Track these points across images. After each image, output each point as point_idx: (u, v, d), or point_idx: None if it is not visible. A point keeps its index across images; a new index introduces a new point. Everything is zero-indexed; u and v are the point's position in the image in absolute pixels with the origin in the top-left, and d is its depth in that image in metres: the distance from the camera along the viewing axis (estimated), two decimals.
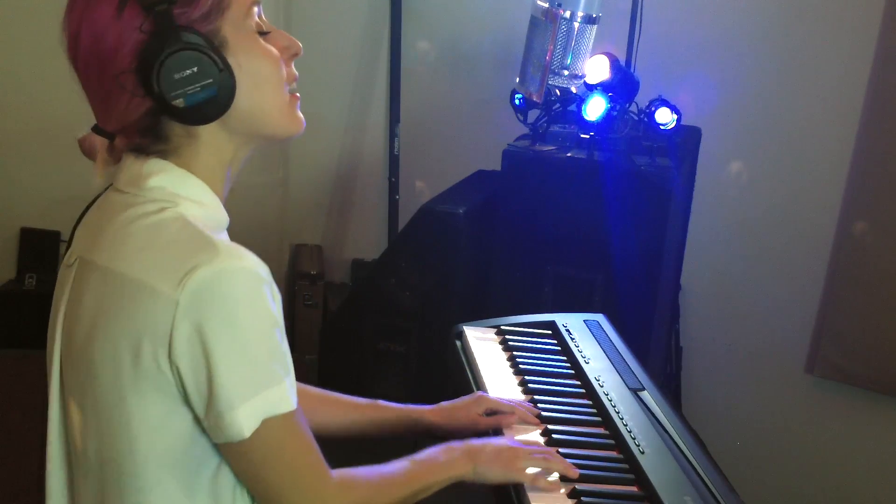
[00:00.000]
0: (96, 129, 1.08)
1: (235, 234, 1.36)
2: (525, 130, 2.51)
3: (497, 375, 1.58)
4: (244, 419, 0.96)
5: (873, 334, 2.76)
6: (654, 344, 2.48)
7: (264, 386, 0.97)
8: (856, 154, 2.74)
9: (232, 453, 1.01)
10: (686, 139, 2.62)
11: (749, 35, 2.83)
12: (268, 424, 0.98)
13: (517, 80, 2.40)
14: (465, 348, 1.70)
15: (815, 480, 2.99)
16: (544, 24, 2.25)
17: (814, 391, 2.95)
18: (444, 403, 1.47)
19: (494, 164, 2.49)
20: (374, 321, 2.61)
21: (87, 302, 1.01)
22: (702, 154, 2.81)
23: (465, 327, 1.76)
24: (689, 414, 2.97)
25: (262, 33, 1.07)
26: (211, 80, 0.99)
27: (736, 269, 2.99)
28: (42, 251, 3.53)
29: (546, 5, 2.24)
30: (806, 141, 2.83)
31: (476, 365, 1.62)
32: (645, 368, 1.64)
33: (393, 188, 3.31)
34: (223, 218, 1.10)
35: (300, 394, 1.07)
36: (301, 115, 1.12)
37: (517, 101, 2.48)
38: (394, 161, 3.27)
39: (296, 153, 3.41)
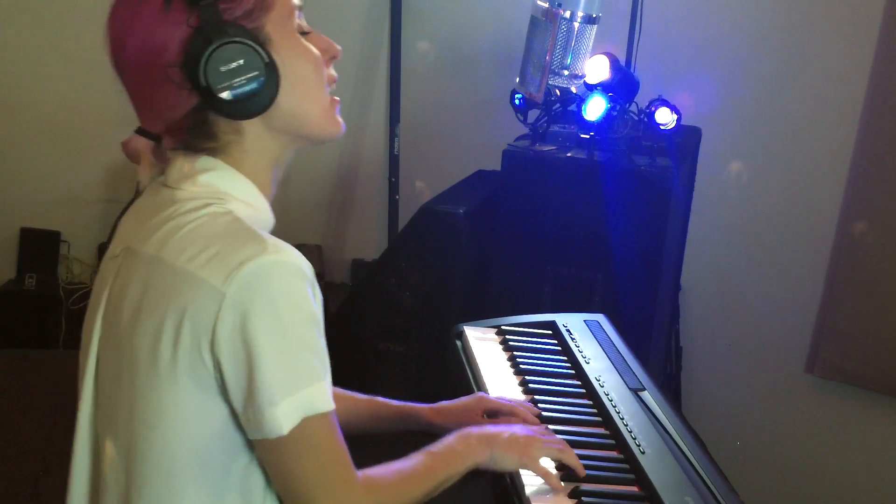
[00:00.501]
0: (140, 132, 1.09)
1: None
2: (525, 130, 2.51)
3: (497, 375, 1.58)
4: (284, 415, 0.96)
5: (873, 334, 2.76)
6: (654, 344, 2.48)
7: (305, 383, 0.97)
8: (856, 154, 2.74)
9: (266, 450, 1.01)
10: (686, 139, 2.62)
11: (749, 35, 2.83)
12: (307, 422, 0.98)
13: (517, 80, 2.40)
14: (466, 348, 1.70)
15: (815, 480, 2.99)
16: (544, 24, 2.25)
17: (814, 391, 2.95)
18: (443, 403, 1.47)
19: (494, 164, 2.49)
20: (374, 321, 2.61)
21: (133, 289, 1.02)
22: (702, 154, 2.81)
23: (465, 327, 1.76)
24: (689, 414, 2.96)
25: (303, 34, 1.09)
26: (257, 73, 1.00)
27: (736, 269, 2.99)
28: (42, 251, 3.53)
29: (546, 5, 2.24)
30: (806, 141, 2.83)
31: (476, 365, 1.62)
32: (645, 368, 1.64)
33: (393, 188, 3.31)
34: (269, 219, 1.11)
35: None
36: (340, 118, 1.14)
37: (517, 101, 2.48)
38: (394, 161, 3.27)
39: (296, 153, 3.41)
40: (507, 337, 1.74)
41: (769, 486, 3.01)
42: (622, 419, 1.43)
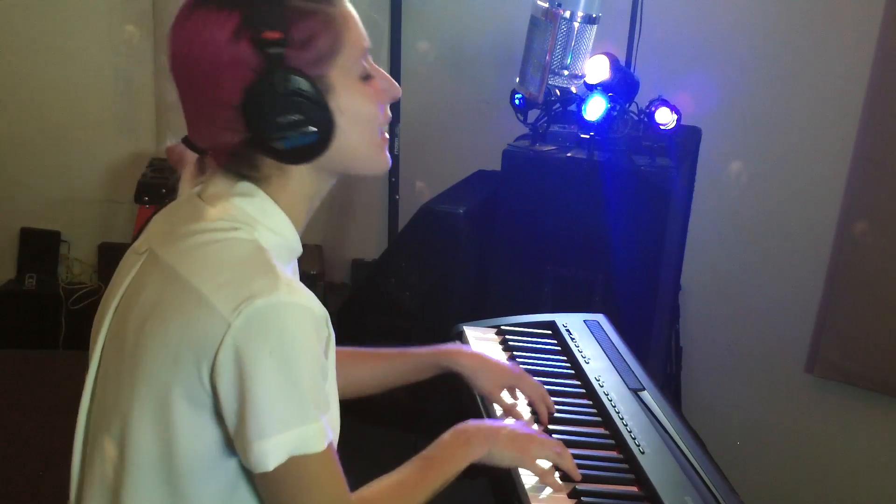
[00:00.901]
0: (186, 142, 1.08)
1: None
2: (525, 130, 2.51)
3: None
4: (270, 452, 0.96)
5: (873, 334, 2.76)
6: (654, 344, 2.48)
7: (298, 423, 0.97)
8: (856, 154, 2.74)
9: (258, 481, 1.02)
10: (686, 139, 2.62)
11: (749, 35, 2.83)
12: (295, 461, 0.98)
13: (517, 80, 2.40)
14: None
15: (815, 480, 2.99)
16: (544, 24, 2.25)
17: (814, 391, 2.95)
18: (483, 355, 1.49)
19: (494, 164, 2.49)
20: (374, 321, 2.61)
21: (147, 296, 1.03)
22: (702, 154, 2.81)
23: (465, 327, 1.77)
24: (689, 414, 2.96)
25: (367, 78, 1.08)
26: (314, 129, 1.00)
27: (736, 269, 2.99)
28: (42, 251, 3.53)
29: (546, 5, 2.24)
30: (806, 141, 2.82)
31: None
32: (645, 368, 1.64)
33: (393, 188, 3.31)
34: (297, 248, 1.12)
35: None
36: (388, 154, 1.14)
37: (517, 101, 2.48)
38: (394, 161, 3.27)
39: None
40: (507, 337, 1.74)
41: (769, 486, 3.01)
42: (622, 419, 1.43)
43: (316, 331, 0.99)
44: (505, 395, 1.48)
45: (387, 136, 1.14)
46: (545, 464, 1.27)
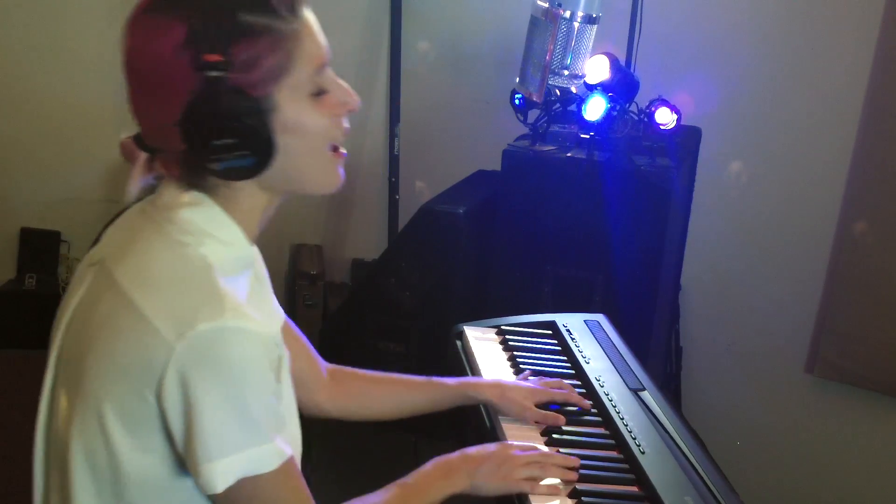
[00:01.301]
0: (137, 139, 1.07)
1: None
2: (525, 130, 2.51)
3: (498, 375, 1.58)
4: (218, 474, 0.96)
5: (873, 334, 2.76)
6: (654, 344, 2.48)
7: (246, 445, 0.97)
8: (856, 154, 2.74)
9: (214, 502, 1.02)
10: (686, 139, 2.62)
11: (749, 35, 2.83)
12: (245, 483, 0.98)
13: (517, 80, 2.40)
14: (466, 348, 1.70)
15: (815, 480, 2.99)
16: (544, 24, 2.25)
17: (814, 391, 2.95)
18: (502, 381, 1.49)
19: (494, 164, 2.49)
20: (374, 321, 2.60)
21: (98, 311, 1.02)
22: (702, 154, 2.81)
23: (465, 327, 1.77)
24: (689, 414, 2.96)
25: (318, 95, 1.05)
26: (248, 152, 0.98)
27: (736, 269, 2.99)
28: (42, 251, 3.53)
29: (546, 5, 2.24)
30: (806, 141, 2.82)
31: (476, 365, 1.62)
32: (645, 368, 1.64)
33: (393, 188, 3.31)
34: (248, 256, 1.10)
35: (353, 378, 1.18)
36: (341, 171, 1.12)
37: (517, 101, 2.48)
38: (394, 161, 3.27)
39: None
40: (507, 337, 1.74)
41: (769, 486, 3.01)
42: (622, 419, 1.43)
43: (263, 354, 0.98)
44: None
45: (342, 151, 1.11)
46: (532, 480, 1.27)
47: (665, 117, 2.33)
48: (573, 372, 1.63)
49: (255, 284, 1.14)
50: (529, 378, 1.55)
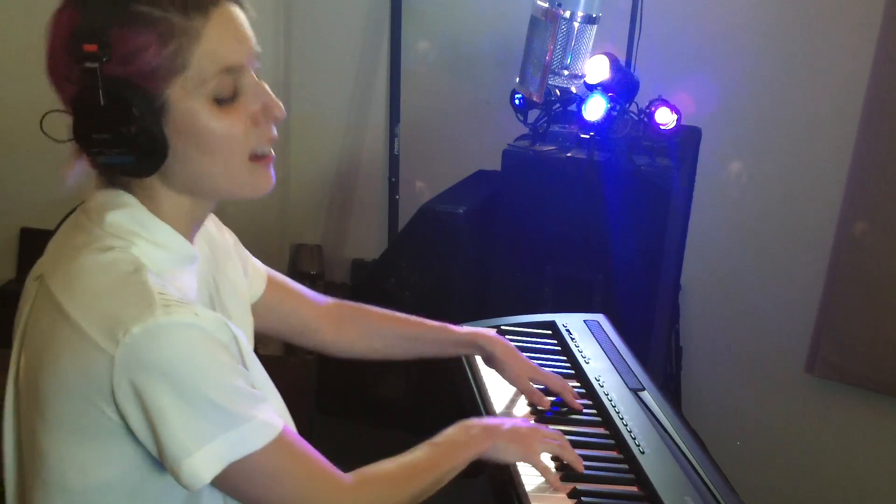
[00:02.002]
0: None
1: (237, 234, 1.36)
2: (525, 130, 2.51)
3: (497, 375, 1.58)
4: (199, 466, 0.94)
5: (873, 334, 2.76)
6: (654, 344, 2.48)
7: (219, 432, 0.94)
8: (856, 154, 2.74)
9: (222, 489, 1.01)
10: (686, 139, 2.62)
11: (749, 35, 2.82)
12: (237, 466, 0.96)
13: (517, 80, 2.40)
14: None
15: (815, 480, 2.99)
16: (544, 24, 2.25)
17: (814, 391, 2.95)
18: (514, 348, 1.54)
19: (494, 164, 2.49)
20: None
21: (41, 327, 1.00)
22: (702, 154, 2.81)
23: (465, 327, 1.76)
24: (689, 414, 2.96)
25: (225, 100, 1.00)
26: (126, 150, 0.95)
27: (736, 269, 2.99)
28: (42, 251, 3.52)
29: (546, 5, 2.24)
30: (806, 141, 2.82)
31: (476, 364, 1.62)
32: (645, 368, 1.64)
33: (393, 188, 3.31)
34: (187, 254, 1.06)
35: (360, 314, 1.25)
36: (268, 175, 1.06)
37: (517, 101, 2.48)
38: (394, 161, 3.27)
39: (296, 153, 3.41)
40: (508, 337, 1.73)
41: (769, 486, 3.01)
42: (622, 419, 1.43)
43: (208, 341, 0.95)
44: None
45: (267, 155, 1.05)
46: (548, 461, 1.28)
47: (665, 117, 2.33)
48: (573, 372, 1.63)
49: (209, 283, 1.13)
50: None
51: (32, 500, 1.03)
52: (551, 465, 1.29)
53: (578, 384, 1.58)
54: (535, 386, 1.52)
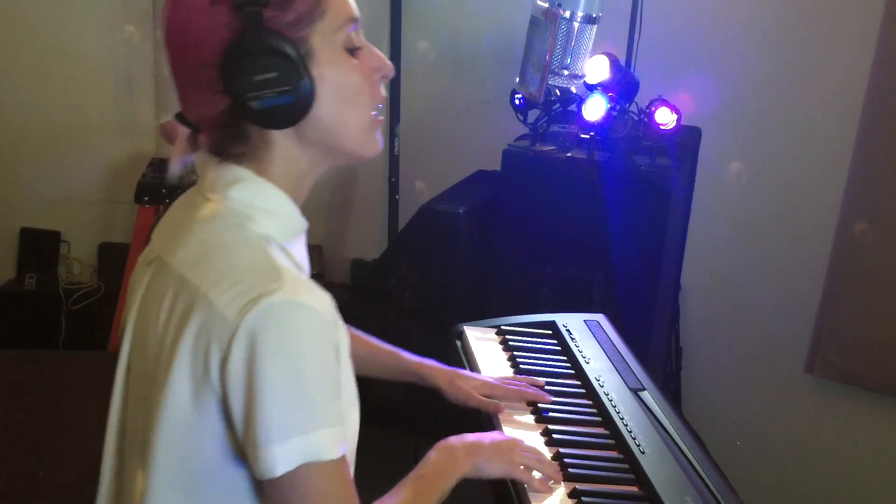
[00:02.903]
0: (179, 118, 1.08)
1: None
2: (525, 130, 2.51)
3: (497, 375, 1.58)
4: (278, 458, 0.94)
5: (873, 334, 2.76)
6: (654, 344, 2.48)
7: (309, 428, 0.94)
8: (856, 154, 2.74)
9: (265, 488, 1.00)
10: (686, 139, 2.62)
11: (749, 35, 2.83)
12: (305, 469, 0.95)
13: (517, 80, 2.40)
14: (466, 348, 1.70)
15: (815, 480, 2.99)
16: (544, 24, 2.25)
17: (814, 391, 2.95)
18: (458, 370, 1.52)
19: (494, 164, 2.49)
20: (374, 321, 2.60)
21: (163, 306, 1.02)
22: (702, 154, 2.81)
23: (465, 327, 1.76)
24: (689, 414, 2.96)
25: (353, 49, 1.06)
26: (289, 88, 0.98)
27: (736, 269, 2.99)
28: (42, 251, 3.53)
29: (546, 5, 2.24)
30: (806, 141, 2.83)
31: (476, 365, 1.62)
32: (645, 368, 1.64)
33: (393, 188, 3.31)
34: (299, 225, 1.10)
35: None
36: (380, 138, 1.11)
37: (517, 101, 2.48)
38: (394, 161, 3.27)
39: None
40: (507, 337, 1.73)
41: (769, 486, 3.01)
42: (622, 419, 1.43)
43: (323, 332, 0.97)
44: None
45: (380, 118, 1.10)
46: (533, 472, 1.27)
47: (665, 117, 2.33)
48: (573, 372, 1.63)
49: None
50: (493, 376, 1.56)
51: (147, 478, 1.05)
52: (536, 474, 1.28)
53: (578, 384, 1.58)
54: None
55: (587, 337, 1.75)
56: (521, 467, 1.26)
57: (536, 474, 1.27)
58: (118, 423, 1.12)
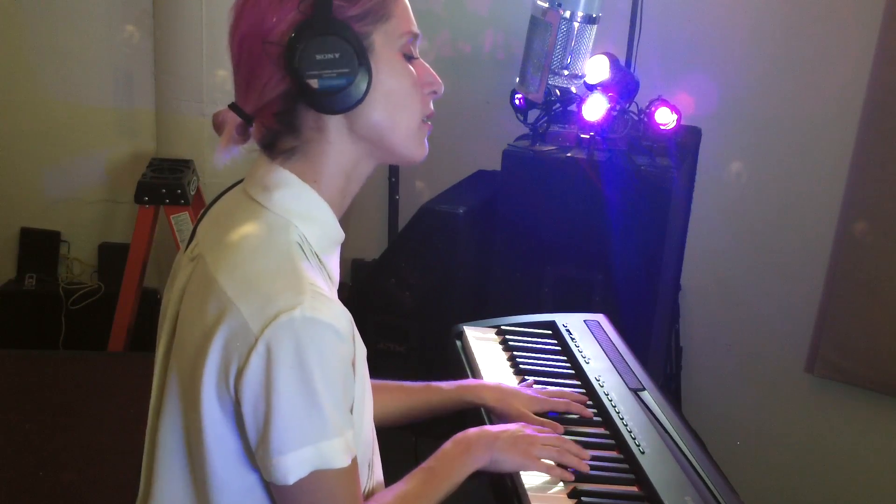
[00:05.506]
0: (234, 107, 1.10)
1: None
2: (525, 130, 2.51)
3: (497, 375, 1.58)
4: (292, 466, 0.98)
5: (873, 334, 2.76)
6: (654, 344, 2.48)
7: (320, 437, 0.98)
8: (856, 154, 2.74)
9: (276, 494, 1.03)
10: (686, 139, 2.62)
11: (749, 35, 2.83)
12: (317, 476, 0.99)
13: (517, 80, 2.40)
14: (466, 348, 1.70)
15: (815, 480, 2.99)
16: (544, 24, 2.25)
17: (814, 391, 2.95)
18: (502, 385, 1.48)
19: (494, 164, 2.49)
20: (374, 321, 2.61)
21: (199, 306, 1.04)
22: (702, 154, 2.81)
23: (465, 327, 1.76)
24: (689, 414, 2.96)
25: (411, 58, 1.11)
26: (348, 70, 1.03)
27: (736, 269, 2.99)
28: (42, 251, 3.53)
29: (546, 5, 2.24)
30: (806, 141, 2.82)
31: (476, 365, 1.62)
32: (645, 368, 1.64)
33: (393, 188, 3.31)
34: (337, 235, 1.14)
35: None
36: (426, 144, 1.16)
37: (517, 101, 2.48)
38: None
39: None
40: (507, 337, 1.74)
41: (769, 486, 3.01)
42: (622, 419, 1.43)
43: (339, 346, 1.00)
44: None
45: (430, 124, 1.15)
46: (550, 462, 1.28)
47: (665, 117, 2.33)
48: (573, 372, 1.63)
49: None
50: (533, 387, 1.54)
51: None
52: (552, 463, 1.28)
53: (578, 384, 1.58)
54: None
55: (587, 337, 1.75)
56: (540, 460, 1.26)
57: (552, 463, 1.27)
58: (155, 419, 1.14)
